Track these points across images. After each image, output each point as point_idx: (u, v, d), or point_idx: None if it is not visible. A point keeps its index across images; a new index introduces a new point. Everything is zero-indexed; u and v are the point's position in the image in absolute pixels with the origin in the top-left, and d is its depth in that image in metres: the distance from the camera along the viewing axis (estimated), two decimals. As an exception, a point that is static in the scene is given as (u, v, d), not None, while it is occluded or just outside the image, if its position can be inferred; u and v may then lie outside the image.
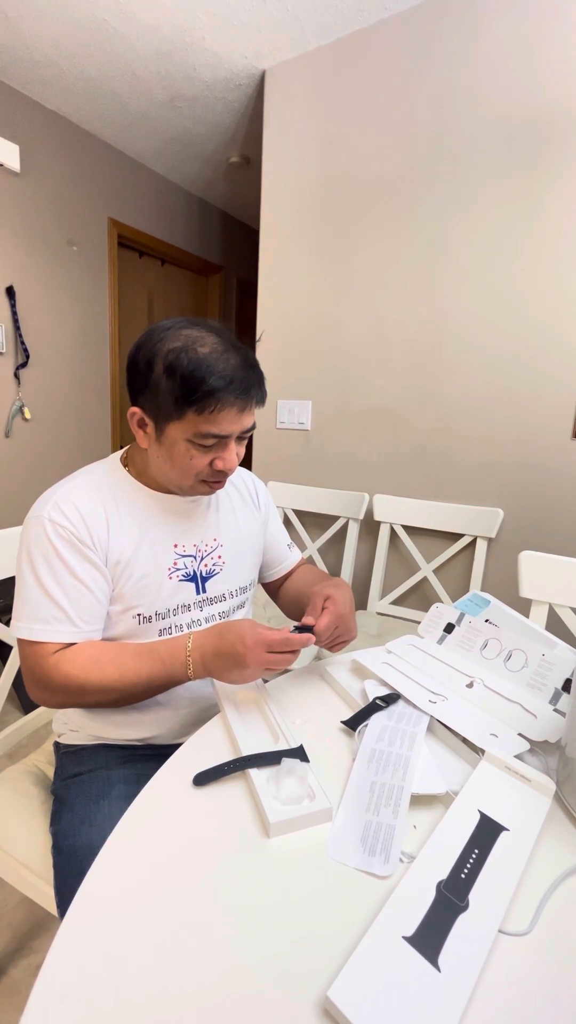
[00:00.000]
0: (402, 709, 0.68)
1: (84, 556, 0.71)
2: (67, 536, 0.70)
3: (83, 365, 2.52)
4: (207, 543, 0.83)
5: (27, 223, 2.19)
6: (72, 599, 0.70)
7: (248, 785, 0.56)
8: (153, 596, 0.77)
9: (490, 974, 0.38)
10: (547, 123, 1.39)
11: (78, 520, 0.71)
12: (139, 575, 0.75)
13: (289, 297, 1.88)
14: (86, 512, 0.72)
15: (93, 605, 0.72)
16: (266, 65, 1.82)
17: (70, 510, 0.71)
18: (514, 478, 1.54)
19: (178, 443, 0.70)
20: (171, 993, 0.37)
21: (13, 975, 1.01)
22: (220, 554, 0.84)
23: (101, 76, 1.95)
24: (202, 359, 0.67)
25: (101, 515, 0.74)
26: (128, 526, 0.75)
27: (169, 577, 0.78)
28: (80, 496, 0.73)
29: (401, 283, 1.65)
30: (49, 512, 0.71)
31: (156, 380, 0.68)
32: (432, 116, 1.54)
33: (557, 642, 0.78)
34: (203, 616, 0.82)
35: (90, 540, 0.72)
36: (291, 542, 1.02)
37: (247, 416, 0.73)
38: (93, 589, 0.72)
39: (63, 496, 0.73)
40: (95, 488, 0.76)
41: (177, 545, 0.80)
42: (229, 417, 0.69)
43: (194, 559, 0.81)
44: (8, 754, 0.93)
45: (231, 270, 3.42)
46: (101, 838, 0.49)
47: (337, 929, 0.41)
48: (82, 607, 0.71)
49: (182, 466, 0.72)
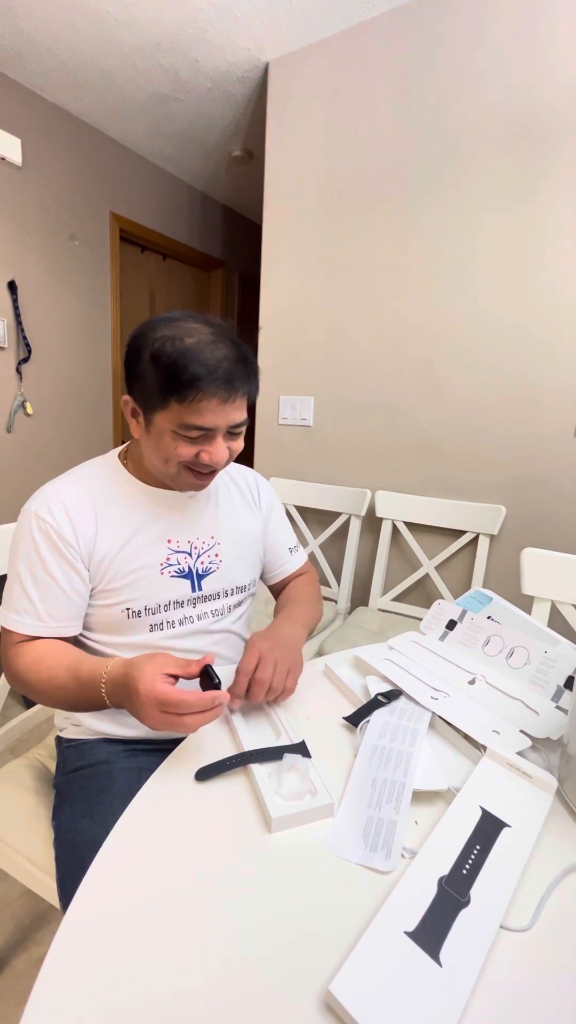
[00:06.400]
0: (404, 705, 0.68)
1: (61, 554, 0.72)
2: (48, 532, 0.72)
3: (85, 360, 2.52)
4: (204, 540, 0.82)
5: (29, 217, 2.18)
6: (43, 594, 0.72)
7: (250, 780, 0.56)
8: (143, 591, 0.76)
9: (491, 969, 0.38)
10: (553, 117, 1.37)
11: (63, 518, 0.72)
12: (128, 569, 0.75)
13: (291, 292, 1.87)
14: (74, 510, 0.73)
15: (63, 603, 0.73)
16: (269, 57, 1.80)
17: (57, 507, 0.72)
18: (516, 475, 1.54)
19: (165, 433, 0.70)
20: (173, 986, 0.37)
21: (16, 967, 1.01)
22: (217, 552, 0.83)
23: (103, 68, 1.94)
24: (187, 348, 0.66)
25: (89, 512, 0.74)
26: (118, 521, 0.76)
27: (161, 572, 0.77)
28: (70, 493, 0.74)
29: (404, 278, 1.64)
30: (37, 507, 0.73)
31: (143, 368, 0.69)
32: (436, 109, 1.52)
33: (559, 639, 0.78)
34: (196, 613, 0.81)
35: (73, 539, 0.72)
36: (296, 546, 0.97)
37: (233, 410, 0.70)
38: (65, 588, 0.73)
39: (53, 492, 0.74)
40: (87, 484, 0.76)
41: (171, 540, 0.79)
42: (211, 408, 0.68)
43: (189, 555, 0.80)
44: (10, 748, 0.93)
45: (233, 265, 3.40)
46: (103, 832, 0.49)
47: (339, 924, 0.42)
48: (51, 603, 0.72)
49: (167, 456, 0.71)
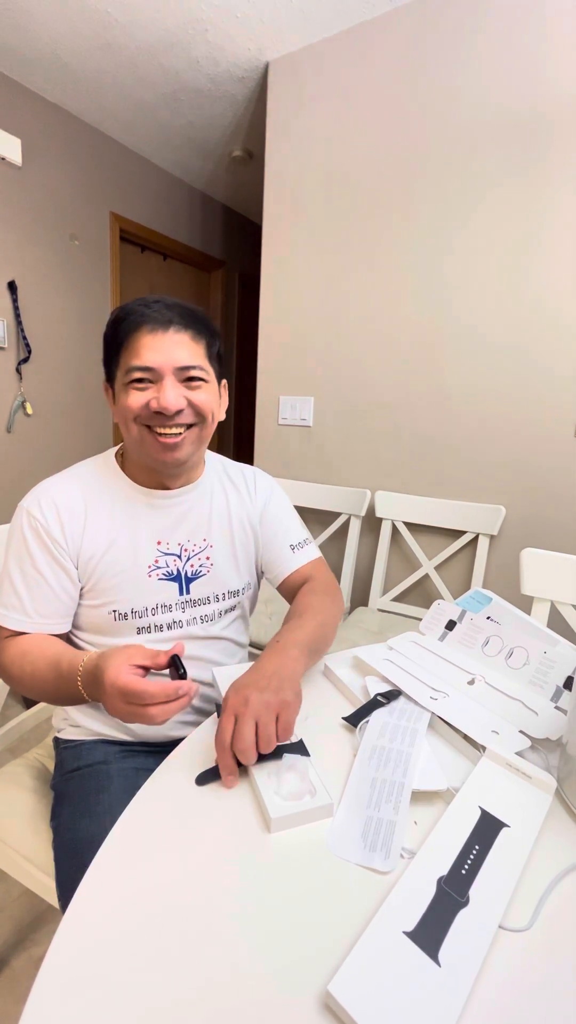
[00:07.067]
0: (403, 706, 0.68)
1: (49, 552, 0.72)
2: (37, 529, 0.72)
3: (85, 360, 2.52)
4: (195, 543, 0.80)
5: (29, 217, 2.18)
6: (31, 590, 0.72)
7: (249, 780, 0.56)
8: (129, 593, 0.76)
9: (490, 969, 0.38)
10: (556, 117, 1.37)
11: (53, 516, 0.73)
12: (114, 571, 0.75)
13: (291, 293, 1.87)
14: (64, 508, 0.73)
15: (51, 599, 0.73)
16: (270, 58, 1.81)
17: (47, 505, 0.73)
18: (516, 475, 1.54)
19: (121, 394, 0.72)
20: (171, 986, 0.37)
21: (15, 967, 1.01)
22: (209, 555, 0.81)
23: (103, 69, 1.94)
24: (125, 304, 0.73)
25: (79, 511, 0.74)
26: (107, 520, 0.75)
27: (148, 575, 0.76)
28: (61, 491, 0.75)
29: (404, 279, 1.65)
30: (29, 504, 0.74)
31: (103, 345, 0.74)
32: (437, 110, 1.53)
33: (559, 639, 0.78)
34: (185, 618, 0.80)
35: (61, 537, 0.73)
36: (300, 543, 0.89)
37: (173, 346, 0.69)
38: (53, 585, 0.73)
39: (45, 490, 0.75)
40: (80, 483, 0.76)
41: (160, 542, 0.78)
42: (146, 344, 0.69)
43: (178, 558, 0.79)
44: (10, 748, 0.93)
45: (233, 265, 3.40)
46: (101, 831, 0.49)
47: (338, 924, 0.42)
48: (38, 599, 0.73)
49: (125, 418, 0.72)
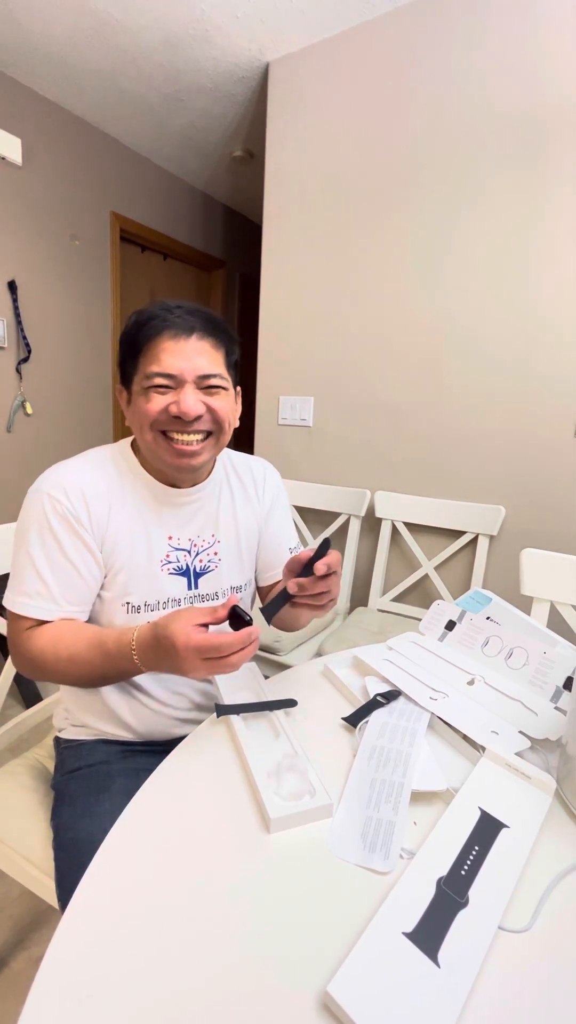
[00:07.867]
0: (403, 706, 0.68)
1: (78, 536, 0.70)
2: (63, 513, 0.70)
3: (85, 360, 2.52)
4: (204, 538, 0.81)
5: (29, 217, 2.18)
6: (58, 577, 0.70)
7: (249, 780, 0.56)
8: (144, 587, 0.76)
9: (490, 970, 0.38)
10: (556, 117, 1.37)
11: (78, 499, 0.71)
12: (132, 564, 0.75)
13: (292, 293, 1.87)
14: (89, 492, 0.72)
15: (79, 585, 0.72)
16: (270, 58, 1.81)
17: (72, 488, 0.71)
18: (516, 476, 1.54)
19: (138, 398, 0.71)
20: (171, 987, 0.37)
21: (14, 967, 1.01)
22: (217, 550, 0.82)
23: (104, 68, 1.94)
24: (145, 309, 0.72)
25: (104, 497, 0.73)
26: (128, 511, 0.75)
27: (160, 569, 0.77)
28: (85, 475, 0.73)
29: (405, 279, 1.65)
30: (49, 487, 0.71)
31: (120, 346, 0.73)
32: (438, 110, 1.53)
33: (558, 640, 0.78)
34: None
35: (88, 520, 0.71)
36: (296, 546, 0.92)
37: (195, 354, 0.69)
38: (81, 570, 0.71)
39: (67, 473, 0.72)
40: (102, 469, 0.75)
41: (172, 538, 0.79)
42: (168, 348, 0.69)
43: (188, 553, 0.80)
44: (10, 748, 0.93)
45: (234, 265, 3.40)
46: (101, 832, 0.49)
47: (337, 924, 0.42)
48: (67, 586, 0.71)
49: (142, 423, 0.71)
